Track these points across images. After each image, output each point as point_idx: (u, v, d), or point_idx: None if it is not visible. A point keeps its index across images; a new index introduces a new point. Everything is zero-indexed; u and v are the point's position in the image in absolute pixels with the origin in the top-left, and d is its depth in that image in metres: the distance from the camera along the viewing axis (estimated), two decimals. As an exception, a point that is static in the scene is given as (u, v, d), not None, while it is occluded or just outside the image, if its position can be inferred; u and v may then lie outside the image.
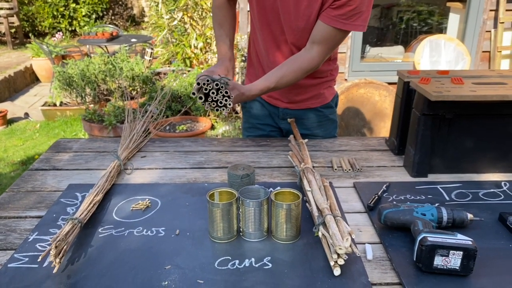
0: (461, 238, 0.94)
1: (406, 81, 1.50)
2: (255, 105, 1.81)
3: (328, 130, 1.79)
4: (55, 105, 4.95)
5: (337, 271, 0.94)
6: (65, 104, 4.87)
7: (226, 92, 1.25)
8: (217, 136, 3.69)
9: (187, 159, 1.56)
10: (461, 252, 0.92)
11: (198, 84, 1.28)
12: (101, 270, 0.97)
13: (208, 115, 3.71)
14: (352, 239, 0.97)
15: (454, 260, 0.92)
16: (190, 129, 3.22)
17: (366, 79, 3.40)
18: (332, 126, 1.81)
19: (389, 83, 3.60)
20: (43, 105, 5.03)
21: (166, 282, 0.92)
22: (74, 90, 3.67)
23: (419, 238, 0.95)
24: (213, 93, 1.24)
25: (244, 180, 1.20)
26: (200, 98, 1.25)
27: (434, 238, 0.93)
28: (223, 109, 1.24)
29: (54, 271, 0.94)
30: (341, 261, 0.94)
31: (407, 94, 1.51)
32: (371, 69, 3.92)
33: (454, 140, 1.39)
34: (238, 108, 4.15)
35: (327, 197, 1.15)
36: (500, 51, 3.73)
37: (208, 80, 1.23)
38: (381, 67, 4.00)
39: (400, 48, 4.58)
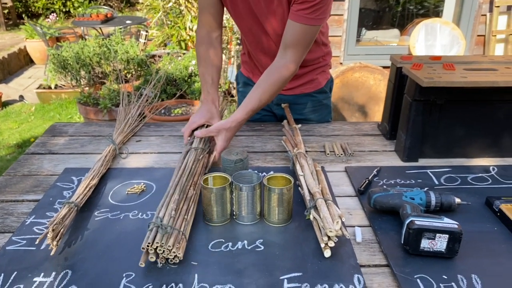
0: (447, 222, 0.96)
1: (398, 67, 1.52)
2: (249, 89, 1.82)
3: (322, 115, 1.81)
4: (50, 87, 4.93)
5: (327, 253, 0.97)
6: (60, 86, 4.85)
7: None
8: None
9: (182, 144, 1.57)
10: (447, 235, 0.95)
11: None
12: (97, 252, 1.00)
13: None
14: (342, 222, 1.00)
15: (440, 243, 0.95)
16: (186, 113, 3.23)
17: (361, 63, 3.41)
18: (326, 111, 1.83)
19: (384, 67, 3.61)
20: (38, 88, 5.01)
21: (161, 264, 0.95)
22: (69, 73, 3.66)
23: (406, 222, 0.98)
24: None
25: (237, 165, 1.22)
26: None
27: (421, 221, 0.96)
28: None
29: (52, 253, 0.97)
30: (331, 244, 0.96)
31: (399, 80, 1.53)
32: (367, 53, 3.92)
33: (445, 126, 1.41)
34: (234, 92, 4.15)
35: (318, 181, 1.18)
36: (495, 35, 3.73)
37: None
38: (376, 50, 4.00)
39: (395, 31, 4.56)
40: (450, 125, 1.41)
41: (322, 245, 0.98)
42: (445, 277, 0.91)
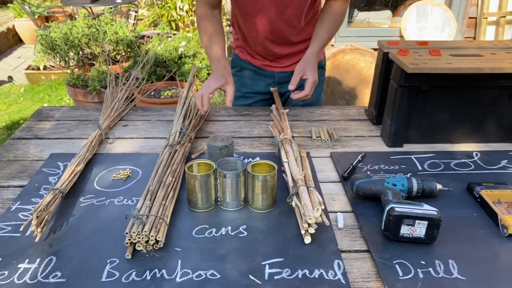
0: (426, 209, 0.98)
1: (385, 52, 1.52)
2: (246, 73, 1.82)
3: (317, 92, 1.79)
4: (38, 68, 4.87)
5: (307, 239, 0.98)
6: (49, 67, 4.80)
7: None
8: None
9: (169, 129, 1.57)
10: (426, 222, 0.96)
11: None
12: (82, 239, 1.01)
13: (194, 81, 3.69)
14: (323, 210, 1.01)
15: (419, 229, 0.97)
16: (175, 95, 3.22)
17: (352, 45, 3.40)
18: (320, 88, 1.83)
19: (375, 49, 3.60)
20: (27, 69, 4.95)
21: (145, 250, 0.96)
22: (58, 54, 3.61)
23: (387, 208, 1.00)
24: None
25: (222, 151, 1.23)
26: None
27: (401, 208, 0.98)
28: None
29: (36, 240, 0.97)
30: (311, 230, 0.98)
31: (386, 65, 1.53)
32: (358, 35, 3.90)
33: (430, 111, 1.42)
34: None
35: (302, 168, 1.19)
36: (486, 18, 3.72)
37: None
38: (368, 32, 3.98)
39: (388, 12, 4.54)
40: (435, 111, 1.42)
41: (303, 232, 1.00)
42: (423, 263, 0.93)
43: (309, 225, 0.97)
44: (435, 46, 1.52)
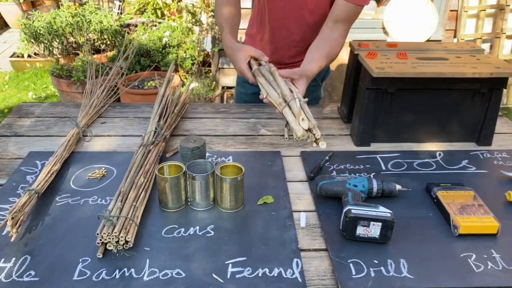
0: (381, 211, 1.05)
1: (356, 53, 1.57)
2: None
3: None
4: (23, 56, 4.85)
5: (323, 145, 1.15)
6: (33, 56, 4.78)
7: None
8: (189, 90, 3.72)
9: (146, 126, 1.61)
10: (380, 223, 1.03)
11: None
12: (56, 238, 1.06)
13: (177, 71, 3.72)
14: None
15: (374, 230, 1.04)
16: (159, 85, 3.24)
17: (335, 37, 3.43)
18: (311, 98, 1.86)
19: (357, 41, 3.64)
20: (11, 56, 4.92)
21: (115, 250, 1.01)
22: (42, 43, 3.61)
23: (344, 210, 1.06)
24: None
25: (194, 152, 1.28)
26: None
27: (357, 210, 1.04)
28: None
29: (12, 240, 1.02)
30: (318, 135, 1.15)
31: (356, 66, 1.58)
32: (341, 26, 3.93)
33: (396, 112, 1.48)
34: (211, 62, 4.15)
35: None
36: (467, 11, 3.78)
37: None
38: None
39: (372, 3, 4.56)
40: (401, 112, 1.48)
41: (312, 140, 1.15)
42: (376, 262, 1.00)
43: (314, 134, 1.12)
44: (404, 48, 1.57)
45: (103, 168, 1.33)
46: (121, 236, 0.99)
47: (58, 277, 0.95)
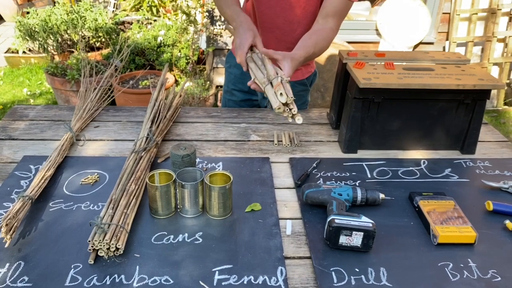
0: (363, 221, 1.09)
1: (344, 62, 1.60)
2: (237, 71, 1.89)
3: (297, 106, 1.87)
4: (18, 52, 4.85)
5: (299, 120, 1.18)
6: (28, 53, 4.78)
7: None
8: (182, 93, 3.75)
9: (139, 130, 1.65)
10: (362, 233, 1.07)
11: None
12: (49, 244, 1.09)
13: (172, 70, 3.74)
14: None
15: (356, 239, 1.08)
16: (154, 85, 3.27)
17: (328, 39, 3.47)
18: (300, 102, 1.89)
19: (350, 42, 3.68)
20: (6, 52, 4.92)
21: (106, 256, 1.05)
22: (37, 41, 3.62)
23: (328, 219, 1.10)
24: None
25: (185, 159, 1.32)
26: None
27: (340, 220, 1.08)
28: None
29: (6, 246, 1.06)
30: (294, 111, 1.17)
31: (345, 74, 1.62)
32: (335, 27, 3.96)
33: (383, 121, 1.52)
34: (206, 61, 4.17)
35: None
36: (459, 14, 3.82)
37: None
38: (344, 25, 4.03)
39: (367, 3, 4.60)
40: (388, 120, 1.52)
41: (289, 115, 1.18)
42: (357, 270, 1.04)
43: (289, 108, 1.15)
44: (391, 58, 1.61)
45: (96, 174, 1.37)
46: (112, 243, 1.03)
47: (51, 283, 0.98)
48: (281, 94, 1.16)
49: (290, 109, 1.19)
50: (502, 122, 3.99)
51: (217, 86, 3.91)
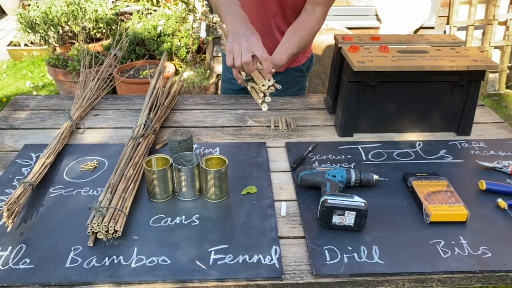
0: (356, 200, 1.11)
1: (339, 47, 1.62)
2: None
3: (295, 92, 1.90)
4: (20, 45, 4.88)
5: (264, 107, 1.26)
6: (30, 45, 4.80)
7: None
8: (180, 81, 3.76)
9: (137, 118, 1.67)
10: (354, 212, 1.09)
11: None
12: (50, 228, 1.12)
13: (172, 60, 3.76)
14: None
15: (349, 219, 1.10)
16: (154, 74, 3.29)
17: (327, 25, 3.47)
18: (298, 87, 1.91)
19: (350, 28, 3.68)
20: (8, 45, 4.95)
21: (105, 238, 1.08)
22: (38, 33, 3.64)
23: (321, 200, 1.13)
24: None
25: (182, 145, 1.34)
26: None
27: (333, 200, 1.11)
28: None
29: (8, 230, 1.09)
30: (268, 99, 1.23)
31: (341, 58, 1.63)
32: (335, 14, 3.95)
33: (378, 104, 1.53)
34: (206, 51, 4.18)
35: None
36: (459, -3, 3.80)
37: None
38: (344, 11, 4.03)
39: (367, -11, 4.57)
40: (383, 103, 1.54)
41: (259, 101, 1.23)
42: (350, 248, 1.07)
43: (264, 94, 1.20)
44: (387, 41, 1.62)
45: (95, 160, 1.39)
46: (110, 226, 1.06)
47: (52, 265, 1.01)
48: (269, 80, 1.23)
49: (265, 95, 1.25)
50: (504, 105, 3.98)
51: (217, 75, 3.92)
